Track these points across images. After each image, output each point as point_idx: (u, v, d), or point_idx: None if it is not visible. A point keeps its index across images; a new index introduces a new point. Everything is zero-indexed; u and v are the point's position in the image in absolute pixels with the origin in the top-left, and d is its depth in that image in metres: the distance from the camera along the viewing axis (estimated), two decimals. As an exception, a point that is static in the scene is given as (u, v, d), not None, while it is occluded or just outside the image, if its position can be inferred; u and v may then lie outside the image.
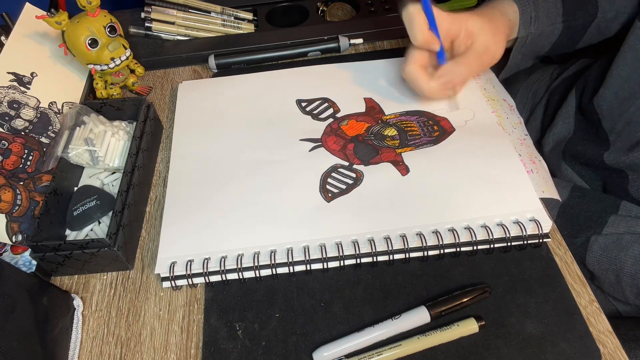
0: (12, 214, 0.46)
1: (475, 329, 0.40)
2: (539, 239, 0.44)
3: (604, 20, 0.55)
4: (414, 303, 0.42)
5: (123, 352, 0.42)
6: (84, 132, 0.52)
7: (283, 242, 0.45)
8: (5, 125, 0.49)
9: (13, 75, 0.52)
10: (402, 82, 0.59)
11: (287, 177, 0.50)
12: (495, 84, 0.60)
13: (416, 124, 0.54)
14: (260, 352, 0.40)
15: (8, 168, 0.47)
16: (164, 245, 0.46)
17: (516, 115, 0.57)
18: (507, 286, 0.43)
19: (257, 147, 0.54)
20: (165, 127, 0.60)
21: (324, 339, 0.41)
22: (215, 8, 0.70)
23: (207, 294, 0.45)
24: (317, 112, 0.57)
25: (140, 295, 0.45)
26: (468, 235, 0.44)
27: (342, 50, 0.66)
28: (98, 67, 0.56)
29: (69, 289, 0.46)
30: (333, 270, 0.45)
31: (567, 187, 0.54)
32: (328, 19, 0.74)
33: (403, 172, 0.49)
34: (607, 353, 0.39)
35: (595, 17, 0.55)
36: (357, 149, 0.53)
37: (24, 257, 0.47)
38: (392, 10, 0.70)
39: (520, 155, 0.51)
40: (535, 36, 0.55)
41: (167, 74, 0.67)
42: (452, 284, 0.43)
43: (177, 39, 0.69)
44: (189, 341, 0.42)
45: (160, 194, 0.53)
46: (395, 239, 0.44)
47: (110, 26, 0.55)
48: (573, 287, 0.43)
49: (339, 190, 0.49)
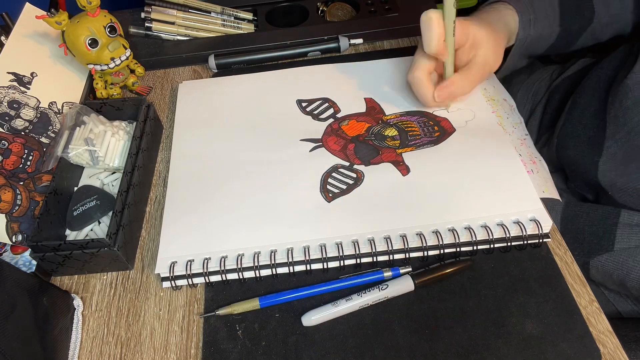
0: (12, 214, 0.46)
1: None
2: (539, 239, 0.44)
3: (599, 25, 0.56)
4: (414, 303, 0.42)
5: (123, 352, 0.42)
6: (84, 132, 0.52)
7: (283, 241, 0.45)
8: (5, 125, 0.49)
9: (13, 75, 0.52)
10: (402, 82, 0.59)
11: (287, 177, 0.50)
12: (495, 84, 0.60)
13: (417, 124, 0.54)
14: (260, 352, 0.40)
15: (8, 168, 0.47)
16: (164, 245, 0.46)
17: (517, 115, 0.57)
18: (507, 286, 0.43)
19: (258, 147, 0.54)
20: (165, 127, 0.60)
21: (324, 339, 0.41)
22: (215, 8, 0.70)
23: (207, 294, 0.45)
24: (318, 112, 0.57)
25: (140, 295, 0.45)
26: (468, 235, 0.44)
27: (342, 50, 0.66)
28: (98, 67, 0.56)
29: (69, 289, 0.46)
30: (333, 270, 0.45)
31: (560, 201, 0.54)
32: (328, 19, 0.74)
33: (404, 172, 0.49)
34: (607, 353, 0.39)
35: (592, 22, 0.56)
36: (357, 149, 0.53)
37: (24, 257, 0.47)
38: (392, 10, 0.70)
39: (520, 155, 0.51)
40: (534, 38, 0.55)
41: (167, 74, 0.67)
42: (452, 284, 0.43)
43: (177, 39, 0.69)
44: (189, 341, 0.42)
45: (160, 194, 0.53)
46: (395, 239, 0.44)
47: (110, 26, 0.55)
48: (573, 287, 0.43)
49: (339, 190, 0.49)
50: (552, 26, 0.55)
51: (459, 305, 0.42)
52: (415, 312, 0.42)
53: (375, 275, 0.43)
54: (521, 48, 0.56)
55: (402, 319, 0.41)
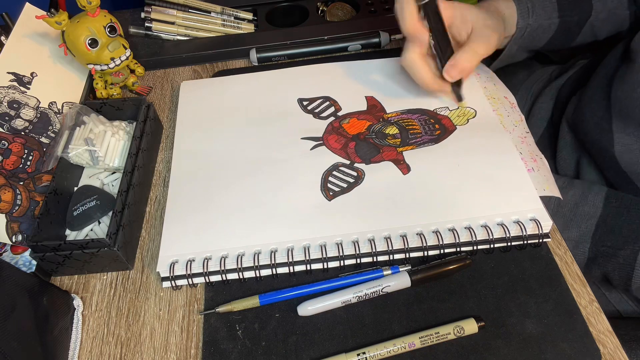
0: (12, 214, 0.46)
1: (475, 329, 0.40)
2: (539, 238, 0.44)
3: (597, 20, 0.56)
4: (414, 303, 0.42)
5: (123, 352, 0.42)
6: (84, 132, 0.52)
7: (284, 240, 0.45)
8: (5, 125, 0.49)
9: (13, 75, 0.52)
10: (403, 80, 0.59)
11: (288, 176, 0.50)
12: (495, 82, 0.60)
13: (417, 123, 0.54)
14: (260, 352, 0.40)
15: (8, 168, 0.47)
16: (166, 244, 0.46)
17: (517, 112, 0.57)
18: (507, 286, 0.43)
19: (259, 146, 0.54)
20: (166, 127, 0.60)
21: (324, 339, 0.41)
22: (215, 8, 0.70)
23: (207, 294, 0.45)
24: (319, 111, 0.57)
25: (140, 295, 0.45)
26: (468, 235, 0.44)
27: (382, 45, 0.67)
28: (98, 67, 0.56)
29: (69, 289, 0.46)
30: (333, 270, 0.45)
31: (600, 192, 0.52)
32: (328, 19, 0.74)
33: (404, 170, 0.49)
34: (607, 353, 0.39)
35: (590, 16, 0.56)
36: (358, 147, 0.53)
37: (24, 257, 0.47)
38: (392, 10, 0.70)
39: (521, 153, 0.51)
40: (534, 29, 0.56)
41: (167, 74, 0.67)
42: (452, 284, 0.43)
43: (177, 39, 0.69)
44: (189, 341, 0.42)
45: (160, 194, 0.53)
46: (396, 238, 0.44)
47: (110, 26, 0.55)
48: (573, 287, 0.43)
49: (340, 189, 0.48)
50: (550, 17, 0.55)
51: (459, 305, 0.42)
52: (415, 312, 0.42)
53: (375, 274, 0.43)
54: (521, 37, 0.56)
55: (402, 319, 0.41)
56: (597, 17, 0.56)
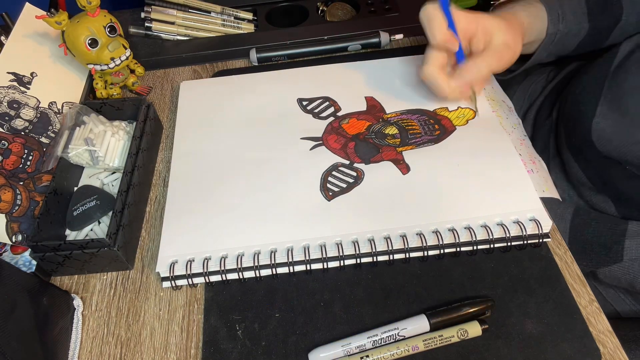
0: (12, 214, 0.46)
1: (479, 332, 0.39)
2: (539, 238, 0.44)
3: (627, 24, 0.55)
4: (414, 303, 0.42)
5: (123, 352, 0.42)
6: (83, 132, 0.52)
7: (283, 240, 0.45)
8: (5, 125, 0.49)
9: (13, 75, 0.52)
10: (403, 80, 0.59)
11: (287, 176, 0.50)
12: (494, 85, 0.60)
13: (417, 123, 0.54)
14: (260, 352, 0.40)
15: (8, 168, 0.47)
16: (165, 244, 0.46)
17: (515, 116, 0.57)
18: (507, 286, 0.43)
19: (258, 146, 0.54)
20: (165, 127, 0.60)
21: (324, 339, 0.41)
22: (215, 8, 0.70)
23: (207, 294, 0.45)
24: (318, 111, 0.57)
25: (140, 295, 0.45)
26: (468, 235, 0.44)
27: (382, 45, 0.67)
28: (98, 67, 0.56)
29: (69, 289, 0.46)
30: (333, 270, 0.45)
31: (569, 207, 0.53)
32: (328, 19, 0.73)
33: (404, 170, 0.49)
34: (607, 353, 0.39)
35: (620, 20, 0.55)
36: (358, 147, 0.53)
37: (24, 257, 0.47)
38: (392, 10, 0.70)
39: (520, 154, 0.51)
40: (564, 34, 0.55)
41: (167, 74, 0.67)
42: (453, 284, 0.43)
43: (177, 39, 0.69)
44: (189, 341, 0.42)
45: (160, 194, 0.53)
46: (395, 238, 0.44)
47: (110, 26, 0.55)
48: (573, 287, 0.43)
49: (339, 189, 0.49)
50: (580, 22, 0.55)
51: (459, 305, 0.42)
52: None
53: None
54: (552, 44, 0.55)
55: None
56: (627, 20, 0.55)
